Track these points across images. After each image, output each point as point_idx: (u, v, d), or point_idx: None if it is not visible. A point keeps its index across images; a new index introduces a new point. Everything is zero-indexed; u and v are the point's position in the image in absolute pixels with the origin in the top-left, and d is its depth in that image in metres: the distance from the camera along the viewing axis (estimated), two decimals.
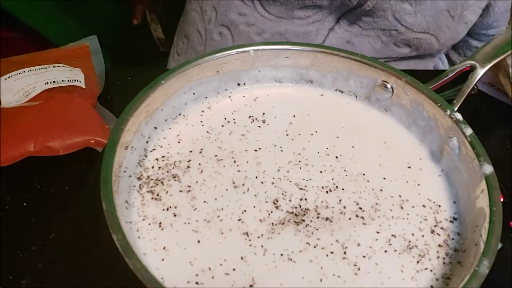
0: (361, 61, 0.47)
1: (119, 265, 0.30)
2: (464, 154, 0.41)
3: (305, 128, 0.46)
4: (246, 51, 0.46)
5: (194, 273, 0.34)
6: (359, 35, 0.66)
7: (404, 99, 0.46)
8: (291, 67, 0.48)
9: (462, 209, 0.40)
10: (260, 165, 0.42)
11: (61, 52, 0.53)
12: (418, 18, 0.64)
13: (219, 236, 0.36)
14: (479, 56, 0.47)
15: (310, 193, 0.40)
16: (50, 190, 0.42)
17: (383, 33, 0.66)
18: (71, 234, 0.40)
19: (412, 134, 0.46)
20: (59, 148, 0.43)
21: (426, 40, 0.67)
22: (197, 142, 0.43)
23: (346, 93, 0.49)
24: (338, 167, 0.42)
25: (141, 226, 0.36)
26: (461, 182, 0.41)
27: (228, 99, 0.47)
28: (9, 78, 0.48)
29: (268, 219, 0.38)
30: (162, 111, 0.43)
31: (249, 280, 0.34)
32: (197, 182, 0.40)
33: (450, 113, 0.42)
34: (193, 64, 0.44)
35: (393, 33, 0.66)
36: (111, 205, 0.32)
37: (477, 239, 0.35)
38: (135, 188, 0.39)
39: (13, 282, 0.36)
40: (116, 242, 0.30)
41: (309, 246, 0.36)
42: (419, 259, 0.36)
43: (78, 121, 0.45)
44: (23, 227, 0.40)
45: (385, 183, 0.42)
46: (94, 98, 0.49)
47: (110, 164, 0.35)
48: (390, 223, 0.39)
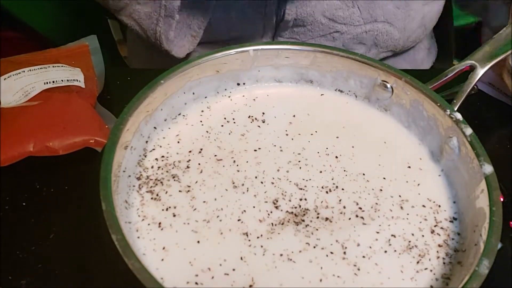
0: (361, 61, 0.47)
1: (119, 265, 0.30)
2: (464, 154, 0.40)
3: (305, 128, 0.45)
4: (246, 51, 0.46)
5: (194, 273, 0.34)
6: None
7: (404, 99, 0.46)
8: (291, 67, 0.48)
9: (462, 209, 0.40)
10: (259, 165, 0.42)
11: (61, 52, 0.53)
12: (352, 10, 0.58)
13: (219, 236, 0.36)
14: (479, 56, 0.47)
15: (310, 193, 0.40)
16: (50, 190, 0.42)
17: (325, 39, 0.60)
18: (71, 234, 0.40)
19: (412, 134, 0.46)
20: (59, 148, 0.43)
21: (380, 31, 0.60)
22: (196, 142, 0.43)
23: (346, 93, 0.49)
24: (338, 167, 0.42)
25: (140, 226, 0.36)
26: (461, 182, 0.41)
27: (228, 99, 0.47)
28: (8, 78, 0.48)
29: (267, 219, 0.38)
30: (161, 111, 0.43)
31: (249, 280, 0.34)
32: (197, 182, 0.40)
33: (450, 113, 0.42)
34: (193, 64, 0.43)
35: (335, 35, 0.60)
36: (111, 205, 0.32)
37: (477, 239, 0.35)
38: (134, 188, 0.39)
39: (12, 282, 0.36)
40: (116, 242, 0.30)
41: (309, 246, 0.36)
42: (419, 259, 0.36)
43: (77, 121, 0.45)
44: (22, 227, 0.40)
45: (385, 183, 0.41)
46: (93, 98, 0.49)
47: (109, 164, 0.35)
48: (390, 223, 0.39)
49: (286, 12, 0.58)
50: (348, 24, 0.59)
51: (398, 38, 0.63)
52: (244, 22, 0.59)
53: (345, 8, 0.58)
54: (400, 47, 0.65)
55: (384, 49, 0.64)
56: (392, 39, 0.62)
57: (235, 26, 0.59)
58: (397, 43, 0.63)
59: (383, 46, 0.63)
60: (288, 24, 0.59)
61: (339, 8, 0.58)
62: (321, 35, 0.60)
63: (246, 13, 0.58)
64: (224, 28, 0.60)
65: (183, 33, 0.57)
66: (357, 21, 0.59)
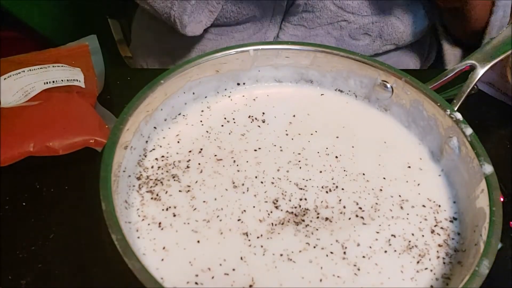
0: (361, 61, 0.47)
1: (119, 265, 0.30)
2: (464, 154, 0.40)
3: (305, 128, 0.45)
4: (246, 50, 0.46)
5: (194, 273, 0.34)
6: (308, 36, 0.62)
7: (404, 99, 0.46)
8: (291, 67, 0.48)
9: (462, 209, 0.40)
10: (259, 165, 0.42)
11: (61, 52, 0.53)
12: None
13: (219, 236, 0.36)
14: (479, 55, 0.47)
15: (310, 193, 0.40)
16: (50, 190, 0.42)
17: (332, 27, 0.61)
18: (71, 234, 0.40)
19: (412, 134, 0.46)
20: (59, 148, 0.43)
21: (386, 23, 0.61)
22: (196, 142, 0.43)
23: (346, 92, 0.49)
24: (338, 167, 0.42)
25: (140, 226, 0.36)
26: (461, 182, 0.41)
27: (228, 99, 0.47)
28: (8, 78, 0.48)
29: (267, 219, 0.38)
30: (161, 111, 0.43)
31: (249, 280, 0.34)
32: (197, 182, 0.40)
33: (450, 112, 0.42)
34: (193, 63, 0.43)
35: (342, 24, 0.60)
36: (111, 205, 0.32)
37: (477, 239, 0.35)
38: (134, 188, 0.39)
39: (12, 282, 0.36)
40: (116, 242, 0.30)
41: (309, 246, 0.36)
42: (419, 259, 0.36)
43: (77, 121, 0.45)
44: (22, 227, 0.40)
45: (385, 183, 0.41)
46: (93, 98, 0.49)
47: (109, 164, 0.35)
48: (390, 223, 0.39)
49: None
50: (356, 14, 0.60)
51: (402, 31, 0.63)
52: (255, 5, 0.60)
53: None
54: (403, 40, 0.65)
55: (388, 42, 0.64)
56: (396, 32, 0.63)
57: (245, 8, 0.60)
58: (401, 37, 0.64)
59: (387, 39, 0.63)
60: (298, 8, 0.59)
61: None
62: (328, 23, 0.60)
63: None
64: (234, 10, 0.60)
65: (201, 7, 0.58)
66: (365, 11, 0.60)
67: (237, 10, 0.60)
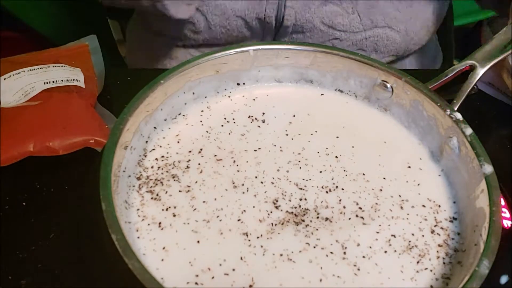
0: (361, 61, 0.47)
1: (119, 265, 0.30)
2: (464, 154, 0.40)
3: (304, 128, 0.45)
4: (246, 50, 0.46)
5: (194, 274, 0.34)
6: None
7: (404, 99, 0.46)
8: (290, 67, 0.48)
9: (462, 209, 0.40)
10: (259, 165, 0.42)
11: (61, 52, 0.53)
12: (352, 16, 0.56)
13: (219, 236, 0.36)
14: (479, 55, 0.47)
15: (310, 193, 0.40)
16: (50, 190, 0.42)
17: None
18: (71, 234, 0.40)
19: (412, 134, 0.46)
20: (59, 148, 0.43)
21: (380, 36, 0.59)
22: (196, 142, 0.43)
23: (346, 92, 0.49)
24: (338, 167, 0.42)
25: (140, 226, 0.36)
26: (461, 182, 0.41)
27: (228, 99, 0.47)
28: (8, 78, 0.48)
29: (267, 219, 0.38)
30: (161, 111, 0.43)
31: (249, 280, 0.34)
32: (197, 182, 0.40)
33: (450, 113, 0.42)
34: (193, 64, 0.43)
35: (334, 42, 0.59)
36: (111, 205, 0.32)
37: (477, 239, 0.35)
38: (134, 188, 0.39)
39: (12, 282, 0.36)
40: (116, 242, 0.30)
41: (309, 246, 0.36)
42: (419, 259, 0.36)
43: (77, 121, 0.45)
44: (22, 227, 0.40)
45: (385, 183, 0.41)
46: (93, 98, 0.49)
47: (109, 164, 0.35)
48: (390, 223, 0.39)
49: (285, 17, 0.57)
50: (347, 31, 0.58)
51: (400, 42, 0.62)
52: (243, 27, 0.59)
53: (345, 15, 0.57)
54: (403, 50, 0.64)
55: (385, 54, 0.63)
56: (393, 43, 0.62)
57: (234, 30, 0.60)
58: (399, 47, 0.63)
59: (383, 51, 0.62)
60: (287, 29, 0.59)
61: (338, 14, 0.57)
62: (320, 42, 0.60)
63: (245, 17, 0.58)
64: (223, 32, 0.60)
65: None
66: (357, 28, 0.58)
67: (226, 32, 0.60)
